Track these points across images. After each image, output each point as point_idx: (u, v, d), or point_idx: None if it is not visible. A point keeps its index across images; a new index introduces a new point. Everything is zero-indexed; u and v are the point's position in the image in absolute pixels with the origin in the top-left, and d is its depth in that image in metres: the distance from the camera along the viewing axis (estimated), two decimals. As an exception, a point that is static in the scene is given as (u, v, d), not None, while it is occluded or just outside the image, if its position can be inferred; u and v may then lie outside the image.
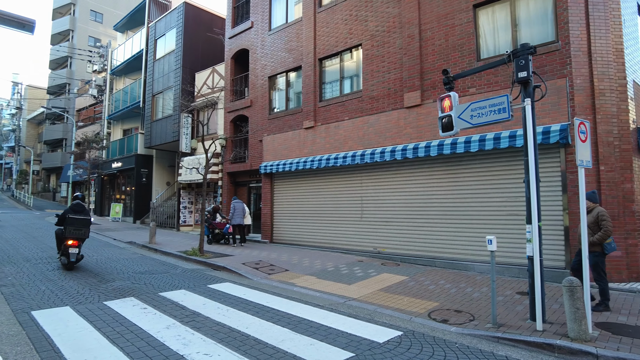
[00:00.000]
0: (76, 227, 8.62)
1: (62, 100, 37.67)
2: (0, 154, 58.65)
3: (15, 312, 5.51)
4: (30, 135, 49.43)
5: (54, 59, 40.58)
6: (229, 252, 11.19)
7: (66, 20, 38.87)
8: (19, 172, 47.77)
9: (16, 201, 37.40)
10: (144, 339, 4.58)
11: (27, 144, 47.45)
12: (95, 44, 35.97)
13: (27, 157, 47.46)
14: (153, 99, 21.03)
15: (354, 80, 11.76)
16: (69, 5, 39.45)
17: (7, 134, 57.26)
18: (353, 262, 9.85)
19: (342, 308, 6.05)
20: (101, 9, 39.98)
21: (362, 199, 11.02)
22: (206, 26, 19.47)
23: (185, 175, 17.35)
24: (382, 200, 10.54)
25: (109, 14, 39.75)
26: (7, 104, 59.80)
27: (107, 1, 40.39)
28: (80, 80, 35.91)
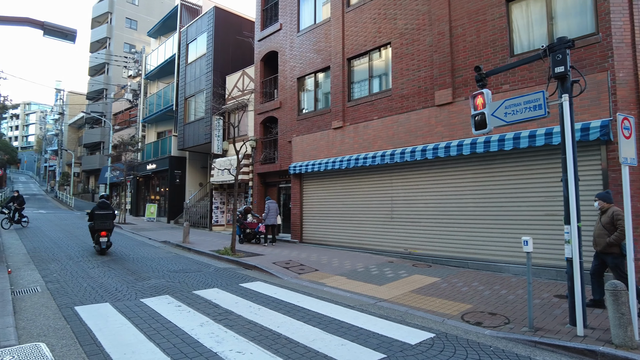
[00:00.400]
0: (102, 221, 10.78)
1: (100, 105, 39.26)
2: (45, 157, 61.82)
3: (60, 307, 5.78)
4: (71, 139, 51.81)
5: (92, 65, 42.43)
6: (259, 252, 11.35)
7: (104, 29, 40.50)
8: (62, 174, 50.15)
9: (59, 202, 39.26)
10: (179, 335, 4.71)
11: (68, 148, 49.80)
12: (130, 50, 37.26)
13: (68, 160, 49.80)
14: (185, 102, 21.58)
15: (383, 79, 11.67)
16: (107, 14, 41.09)
17: (50, 138, 60.31)
18: (383, 262, 9.77)
19: (372, 309, 6.01)
20: (136, 16, 41.42)
21: (392, 199, 10.91)
22: (236, 29, 19.81)
23: (217, 176, 17.72)
24: (413, 200, 10.41)
25: (143, 21, 41.14)
26: (51, 109, 62.95)
27: (141, 9, 41.81)
28: (116, 86, 37.34)
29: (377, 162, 10.76)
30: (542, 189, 8.04)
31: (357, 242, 11.80)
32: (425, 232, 10.04)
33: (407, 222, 10.50)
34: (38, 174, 70.25)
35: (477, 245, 8.99)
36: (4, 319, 5.01)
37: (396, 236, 10.74)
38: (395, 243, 10.72)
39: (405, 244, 10.49)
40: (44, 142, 65.20)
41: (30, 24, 7.85)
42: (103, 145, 38.91)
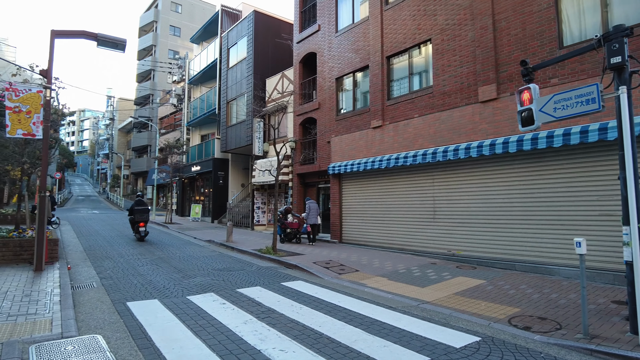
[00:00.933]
0: (140, 214, 13.89)
1: (147, 110, 41.14)
2: (97, 161, 65.57)
3: (114, 302, 6.11)
4: (120, 143, 54.64)
5: (139, 72, 44.55)
6: (300, 251, 11.46)
7: (150, 37, 42.41)
8: (112, 177, 52.98)
9: (110, 202, 41.51)
10: (224, 332, 4.84)
11: (118, 151, 52.56)
12: (174, 57, 38.80)
13: (118, 163, 52.53)
14: (227, 105, 22.16)
15: (423, 76, 11.45)
16: (152, 23, 43.00)
17: (102, 142, 63.91)
18: (425, 264, 9.59)
19: (415, 311, 5.91)
20: (179, 23, 43.05)
21: (435, 198, 10.68)
22: (275, 32, 20.12)
23: (258, 177, 18.07)
24: (457, 200, 10.14)
25: (185, 28, 42.69)
26: (102, 115, 66.70)
27: (184, 16, 43.39)
28: (162, 91, 38.97)
29: (419, 161, 10.57)
30: (596, 187, 7.59)
31: (398, 243, 11.65)
32: (470, 233, 9.75)
33: (450, 223, 10.24)
34: (91, 177, 74.61)
35: (525, 247, 8.62)
36: (66, 311, 5.36)
37: (439, 237, 10.50)
38: (438, 244, 10.49)
39: (448, 245, 10.24)
40: (96, 147, 69.19)
41: (85, 36, 8.37)
42: (150, 148, 40.73)
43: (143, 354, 4.14)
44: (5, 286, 6.62)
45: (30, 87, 8.21)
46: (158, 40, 41.69)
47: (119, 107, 53.34)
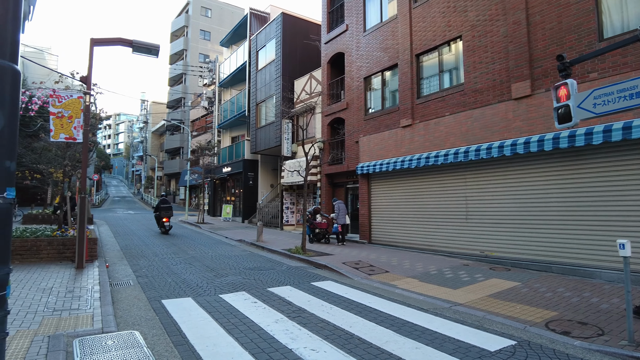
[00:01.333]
0: (165, 211, 16.30)
1: (179, 113, 42.26)
2: (132, 163, 67.89)
3: (150, 300, 6.31)
4: (154, 145, 56.36)
5: (171, 76, 45.84)
6: (329, 251, 11.47)
7: (181, 42, 43.57)
8: (147, 178, 54.72)
9: (145, 203, 42.87)
10: (256, 331, 4.90)
11: (152, 153, 54.24)
12: (205, 60, 39.65)
13: (152, 165, 54.20)
14: (257, 107, 22.47)
15: (454, 73, 11.23)
16: (183, 28, 44.17)
17: (136, 145, 66.13)
18: (457, 265, 9.39)
19: (447, 313, 5.80)
20: (209, 27, 44.02)
21: (467, 198, 10.45)
22: (303, 34, 20.24)
23: (287, 178, 18.22)
24: (490, 200, 9.88)
25: (215, 32, 43.62)
26: (136, 119, 69.04)
27: (213, 20, 44.35)
28: (193, 94, 39.95)
29: (450, 160, 10.37)
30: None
31: (428, 244, 11.47)
32: (504, 233, 9.48)
33: (483, 223, 10.00)
34: (126, 178, 77.34)
35: (563, 248, 8.30)
36: (105, 307, 5.58)
37: (471, 238, 10.27)
38: (470, 245, 10.25)
39: (481, 246, 9.99)
40: (131, 149, 71.68)
41: (121, 43, 8.69)
42: (182, 150, 41.83)
43: (178, 350, 4.26)
44: (51, 282, 6.96)
45: (71, 93, 8.59)
46: (189, 44, 42.76)
47: (152, 111, 55.07)
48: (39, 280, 7.09)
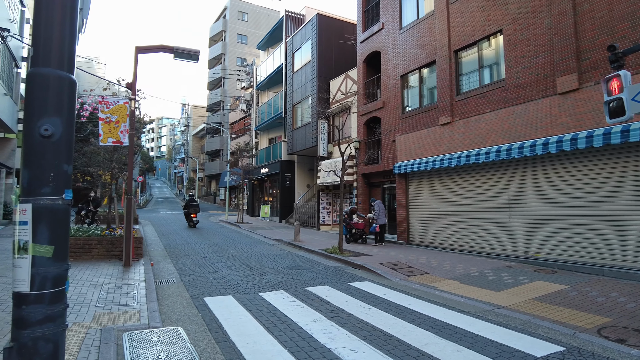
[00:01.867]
0: (193, 209, 19.26)
1: (219, 116, 43.42)
2: (174, 165, 70.43)
3: (192, 297, 6.52)
4: (195, 148, 58.19)
5: (210, 80, 47.17)
6: (366, 252, 11.40)
7: (219, 46, 44.72)
8: (188, 179, 56.57)
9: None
10: (295, 329, 4.96)
11: (193, 155, 56.03)
12: (242, 64, 40.51)
13: (193, 167, 55.99)
14: (293, 108, 22.70)
15: (494, 69, 10.87)
16: (221, 32, 45.32)
17: (178, 147, 68.50)
18: (500, 267, 9.08)
19: (490, 316, 5.62)
20: (246, 31, 44.92)
21: (510, 198, 10.08)
22: (338, 34, 20.24)
23: (324, 178, 18.29)
24: (534, 199, 9.49)
25: (252, 35, 44.45)
26: (178, 122, 71.57)
27: (250, 24, 45.20)
28: (231, 97, 40.90)
29: (492, 158, 10.04)
30: None
31: (469, 245, 11.16)
32: (550, 234, 9.07)
33: (527, 224, 9.61)
34: (169, 180, 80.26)
35: (617, 250, 7.83)
36: (151, 304, 5.82)
37: (514, 239, 9.90)
38: (514, 246, 9.89)
39: (525, 247, 9.61)
40: (173, 151, 74.34)
41: (164, 50, 9.04)
42: (222, 152, 42.93)
43: (220, 347, 4.38)
44: (101, 279, 7.35)
45: (118, 99, 9.04)
46: (227, 48, 43.82)
47: (193, 114, 56.87)
48: (90, 277, 7.50)
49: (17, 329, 1.94)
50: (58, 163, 2.02)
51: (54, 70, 2.03)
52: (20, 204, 1.98)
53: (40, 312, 1.95)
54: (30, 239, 1.96)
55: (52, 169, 2.00)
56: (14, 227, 2.01)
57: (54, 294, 2.00)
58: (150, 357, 3.98)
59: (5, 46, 14.84)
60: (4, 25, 13.74)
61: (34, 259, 1.96)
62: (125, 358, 3.94)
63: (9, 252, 9.72)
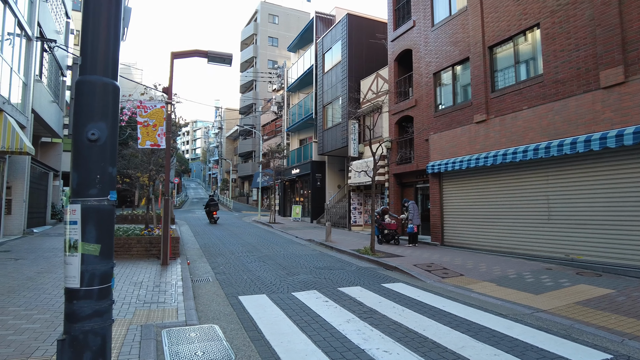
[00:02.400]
0: (213, 207, 21.80)
1: (251, 118, 44.12)
2: (209, 166, 72.15)
3: (227, 296, 6.66)
4: (228, 150, 59.39)
5: (242, 83, 47.99)
6: (399, 253, 11.28)
7: (250, 50, 45.46)
8: (222, 181, 57.81)
9: (221, 204, 45.28)
10: (328, 329, 4.97)
11: (226, 157, 57.22)
12: (273, 66, 41.00)
13: (227, 168, 57.17)
14: (324, 109, 22.77)
15: (531, 64, 10.50)
16: (252, 36, 46.04)
17: (212, 149, 70.17)
18: (539, 269, 8.76)
19: (529, 320, 5.44)
20: (276, 34, 45.42)
21: (549, 197, 9.71)
22: (368, 33, 20.14)
23: (354, 178, 18.23)
24: (576, 198, 9.10)
25: (283, 38, 44.89)
26: (212, 125, 73.26)
27: (281, 26, 45.68)
28: (263, 100, 41.47)
29: (530, 156, 9.70)
30: None
31: (506, 246, 10.83)
32: (593, 235, 8.67)
33: (567, 224, 9.23)
34: (204, 181, 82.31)
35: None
36: (188, 302, 6.00)
37: (554, 240, 9.52)
38: (553, 248, 9.52)
39: (565, 249, 9.23)
40: (207, 154, 76.21)
41: (198, 55, 9.28)
42: (254, 153, 43.60)
43: (255, 345, 4.45)
44: (141, 277, 7.63)
45: (155, 103, 9.35)
46: (258, 51, 44.47)
47: (226, 117, 58.09)
48: (130, 275, 7.80)
49: (68, 322, 2.05)
50: (104, 166, 2.12)
51: (100, 77, 2.14)
52: (70, 204, 2.10)
53: (90, 307, 2.06)
54: (80, 237, 2.07)
55: (99, 172, 2.10)
56: (65, 226, 2.13)
57: (101, 290, 2.11)
58: (188, 353, 4.10)
59: (53, 56, 15.68)
60: (51, 36, 14.53)
61: (83, 257, 2.07)
62: (165, 354, 4.08)
63: (57, 250, 10.26)
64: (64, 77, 18.22)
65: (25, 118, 12.33)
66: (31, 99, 12.86)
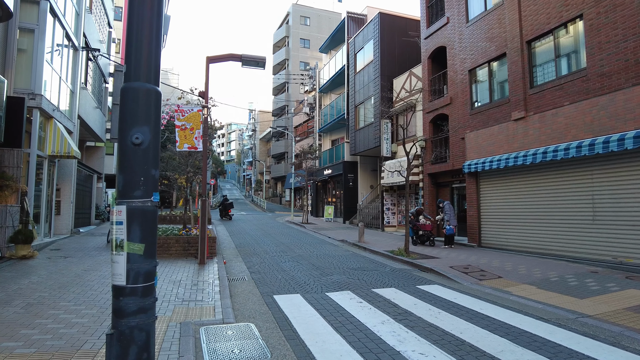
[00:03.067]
0: (228, 206, 25.22)
1: (283, 120, 44.60)
2: (243, 168, 73.57)
3: (262, 295, 6.77)
4: (262, 151, 60.28)
5: (275, 86, 48.61)
6: (434, 254, 11.08)
7: (282, 52, 45.95)
8: (256, 182, 58.77)
9: (255, 205, 46.04)
10: (362, 330, 4.95)
11: (260, 158, 58.11)
12: (305, 68, 41.26)
13: (260, 169, 58.05)
14: (355, 109, 22.70)
15: (573, 58, 10.05)
16: (284, 38, 46.52)
17: (246, 151, 71.49)
18: (583, 272, 8.37)
19: (573, 325, 5.20)
20: (308, 35, 45.68)
21: (594, 197, 9.26)
22: (401, 31, 19.91)
23: (387, 179, 18.06)
24: (624, 198, 8.63)
25: (314, 39, 45.09)
26: (245, 127, 74.65)
27: (312, 28, 45.90)
28: (295, 101, 41.83)
29: (572, 154, 9.28)
30: None
31: (547, 248, 10.41)
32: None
33: (615, 225, 8.76)
34: (238, 182, 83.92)
35: None
36: (224, 300, 6.14)
37: (600, 242, 9.07)
38: (599, 250, 9.06)
39: (613, 251, 8.77)
40: (242, 155, 77.67)
41: (232, 59, 9.50)
42: (287, 155, 44.03)
43: (290, 344, 4.49)
44: (179, 276, 7.88)
45: (192, 107, 9.64)
46: (290, 54, 44.89)
47: (259, 119, 59.02)
48: (170, 274, 8.07)
49: (116, 317, 2.16)
50: (147, 168, 2.22)
51: (143, 84, 2.24)
52: (116, 205, 2.21)
53: (135, 303, 2.15)
54: (125, 237, 2.17)
55: (142, 174, 2.20)
56: (112, 226, 2.24)
57: (145, 288, 2.20)
58: (225, 351, 4.19)
59: (96, 64, 16.47)
60: (95, 46, 15.27)
61: (128, 256, 2.17)
62: (203, 351, 4.19)
63: (101, 248, 10.76)
64: (106, 83, 19.10)
65: (72, 124, 13.01)
66: (77, 105, 13.56)
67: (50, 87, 10.99)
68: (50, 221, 12.15)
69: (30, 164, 10.13)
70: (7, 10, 7.83)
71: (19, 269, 7.86)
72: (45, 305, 5.46)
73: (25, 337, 4.26)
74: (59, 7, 11.12)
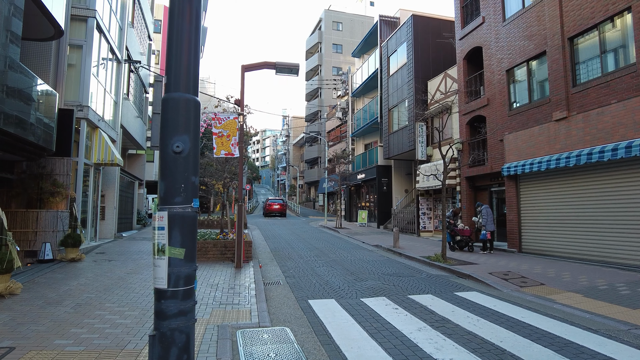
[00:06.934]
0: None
1: (316, 125, 44.87)
2: (277, 173, 74.54)
3: (297, 299, 6.81)
4: (295, 157, 60.86)
5: (308, 92, 49.01)
6: (472, 260, 10.77)
7: (315, 58, 46.31)
8: (290, 187, 59.35)
9: (289, 209, 46.45)
10: (398, 337, 4.88)
11: (293, 164, 58.67)
12: (338, 72, 41.36)
13: (294, 174, 58.59)
14: (389, 113, 22.52)
15: (620, 53, 9.55)
16: (317, 44, 46.90)
17: (280, 157, 72.40)
18: (635, 280, 7.88)
19: (625, 337, 4.91)
20: (340, 40, 45.83)
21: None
22: (435, 33, 19.61)
23: (423, 182, 17.76)
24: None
25: (346, 44, 45.18)
26: (279, 133, 75.69)
27: (344, 33, 46.03)
28: (328, 106, 42.00)
29: (620, 155, 8.79)
30: None
31: (594, 254, 9.89)
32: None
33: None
34: (273, 187, 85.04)
35: None
36: (260, 304, 6.22)
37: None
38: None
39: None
40: (276, 161, 78.73)
41: (267, 66, 9.68)
42: (320, 159, 44.22)
43: (325, 349, 4.49)
44: (217, 279, 8.06)
45: (228, 115, 9.88)
46: (323, 59, 45.17)
47: (293, 125, 59.62)
48: (208, 277, 8.27)
49: (157, 319, 2.24)
50: (187, 175, 2.30)
51: (183, 94, 2.33)
52: (158, 211, 2.30)
53: (176, 306, 2.23)
54: (167, 242, 2.26)
55: (183, 181, 2.29)
56: (154, 231, 2.33)
57: (185, 291, 2.27)
58: (261, 354, 4.25)
59: (137, 75, 17.23)
60: (136, 58, 15.98)
61: (169, 260, 2.26)
62: (240, 353, 4.27)
63: (142, 252, 11.19)
64: (146, 93, 19.94)
65: (115, 133, 13.65)
66: (120, 115, 14.23)
67: (96, 98, 11.59)
68: (96, 226, 12.77)
69: (78, 171, 10.71)
70: (59, 28, 8.37)
71: (69, 271, 8.30)
72: (92, 306, 5.74)
73: (75, 336, 4.50)
74: (104, 23, 11.74)
